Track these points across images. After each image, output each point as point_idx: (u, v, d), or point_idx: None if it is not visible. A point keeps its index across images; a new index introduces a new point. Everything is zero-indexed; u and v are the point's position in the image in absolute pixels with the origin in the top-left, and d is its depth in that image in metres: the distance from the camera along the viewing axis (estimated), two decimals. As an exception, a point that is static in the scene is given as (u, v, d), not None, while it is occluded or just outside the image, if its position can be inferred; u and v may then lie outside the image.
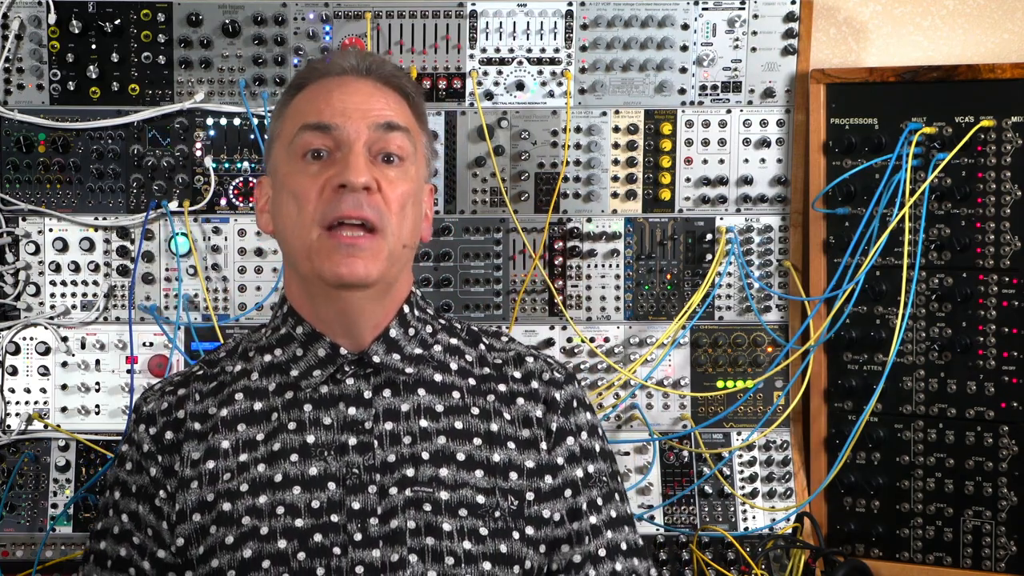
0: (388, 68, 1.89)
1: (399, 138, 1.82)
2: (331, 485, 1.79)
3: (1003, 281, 2.48)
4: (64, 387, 2.62)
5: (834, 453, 2.60)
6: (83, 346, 2.62)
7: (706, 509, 2.65)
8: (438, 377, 1.88)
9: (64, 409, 2.62)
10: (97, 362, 2.62)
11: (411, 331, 1.88)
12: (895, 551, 2.59)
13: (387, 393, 1.85)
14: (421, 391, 1.86)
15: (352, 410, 1.83)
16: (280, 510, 1.78)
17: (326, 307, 1.84)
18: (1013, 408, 2.47)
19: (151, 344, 2.63)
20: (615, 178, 2.67)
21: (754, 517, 2.65)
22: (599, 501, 1.89)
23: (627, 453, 2.67)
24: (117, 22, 2.57)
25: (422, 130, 1.90)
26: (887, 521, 2.59)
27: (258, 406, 1.86)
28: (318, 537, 1.76)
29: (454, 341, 1.93)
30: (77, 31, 2.56)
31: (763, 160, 2.68)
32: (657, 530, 2.61)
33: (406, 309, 1.88)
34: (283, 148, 1.84)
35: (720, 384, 2.69)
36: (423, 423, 1.84)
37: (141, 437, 1.88)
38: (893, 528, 2.59)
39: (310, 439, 1.82)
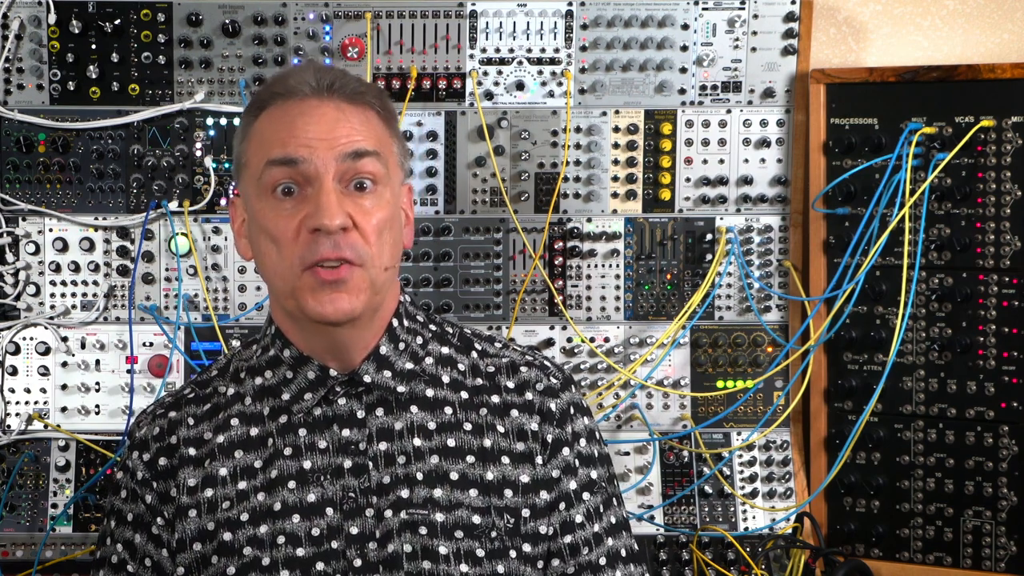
0: (351, 85, 1.80)
1: (370, 163, 1.75)
2: (329, 511, 1.78)
3: (1003, 281, 2.48)
4: (64, 387, 2.62)
5: (834, 453, 2.60)
6: (83, 346, 2.62)
7: (706, 509, 2.65)
8: (430, 392, 1.85)
9: (64, 409, 2.62)
10: (97, 362, 2.62)
11: (401, 345, 1.85)
12: (895, 551, 2.59)
13: (380, 412, 1.82)
14: (414, 408, 1.83)
15: (346, 431, 1.81)
16: (281, 539, 1.77)
17: (313, 336, 1.81)
18: (1013, 408, 2.47)
19: (151, 344, 2.63)
20: (615, 178, 2.67)
21: (754, 517, 2.65)
22: (600, 508, 1.87)
23: (627, 453, 2.67)
24: (117, 22, 2.57)
25: (393, 138, 1.83)
26: (887, 521, 2.59)
27: (254, 432, 1.83)
28: (320, 566, 1.75)
29: (446, 350, 1.89)
30: (77, 31, 2.56)
31: (763, 160, 2.68)
32: (657, 530, 2.61)
33: (395, 323, 1.85)
34: (251, 180, 1.79)
35: (720, 384, 2.69)
36: (416, 442, 1.81)
37: (135, 465, 1.85)
38: (893, 528, 2.59)
39: (306, 464, 1.80)
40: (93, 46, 2.58)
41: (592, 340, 2.67)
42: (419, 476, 1.79)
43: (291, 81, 1.79)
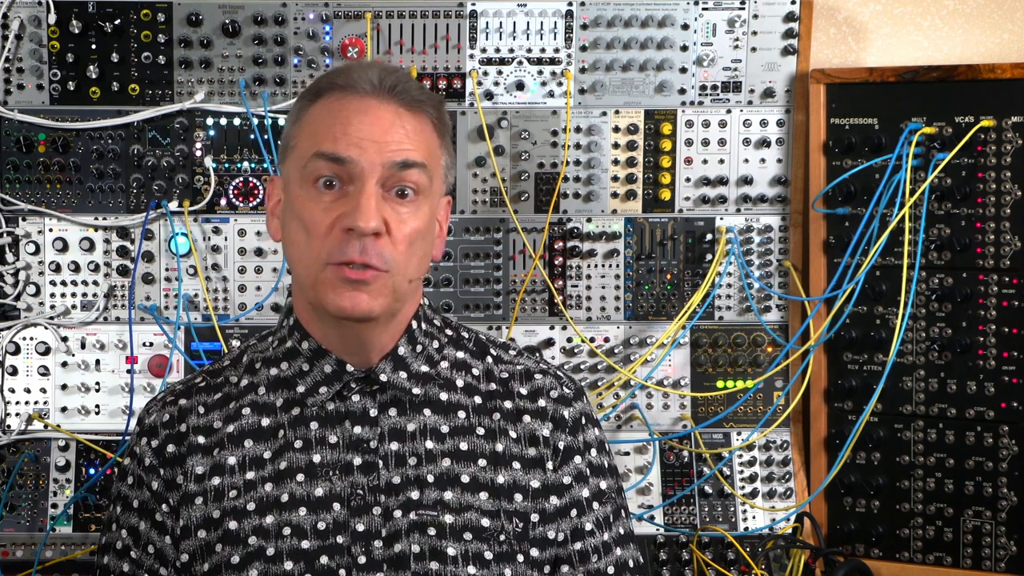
0: (413, 91, 1.81)
1: (415, 174, 1.76)
2: (336, 506, 1.78)
3: (1003, 281, 2.48)
4: (64, 387, 2.62)
5: (834, 453, 2.60)
6: (83, 346, 2.62)
7: (706, 509, 2.65)
8: (444, 396, 1.85)
9: (64, 409, 2.62)
10: (97, 362, 2.62)
11: (419, 347, 1.85)
12: (895, 551, 2.59)
13: (393, 412, 1.83)
14: (427, 411, 1.84)
15: (358, 428, 1.81)
16: (286, 531, 1.77)
17: (333, 330, 1.81)
18: (1013, 408, 2.47)
19: (151, 344, 2.63)
20: (615, 178, 2.67)
21: (754, 517, 2.65)
22: (610, 518, 1.88)
23: (627, 453, 2.67)
24: (117, 22, 2.57)
25: (443, 150, 1.84)
26: (887, 521, 2.59)
27: (265, 422, 1.84)
28: (324, 559, 1.75)
29: (461, 355, 1.90)
30: (77, 31, 2.56)
31: (763, 160, 2.68)
32: (657, 530, 2.61)
33: (414, 325, 1.85)
34: (296, 166, 1.79)
35: (720, 384, 2.69)
36: (428, 444, 1.82)
37: (143, 451, 1.86)
38: (893, 528, 2.59)
39: (316, 458, 1.80)
40: (93, 46, 2.59)
41: (592, 340, 2.67)
42: (430, 478, 1.80)
43: (354, 75, 1.80)
